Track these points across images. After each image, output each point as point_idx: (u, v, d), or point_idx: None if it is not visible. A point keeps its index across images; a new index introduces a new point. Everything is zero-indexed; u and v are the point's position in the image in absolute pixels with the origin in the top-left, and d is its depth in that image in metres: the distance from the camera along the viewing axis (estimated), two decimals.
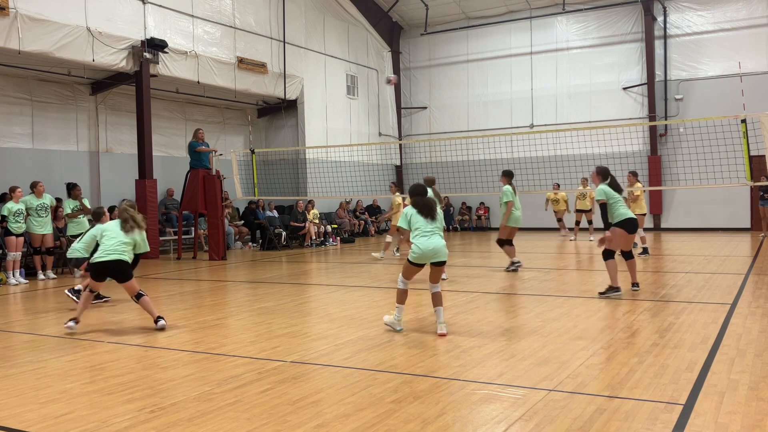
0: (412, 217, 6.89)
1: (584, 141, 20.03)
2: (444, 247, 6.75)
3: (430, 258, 6.73)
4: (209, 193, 15.49)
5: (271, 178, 20.30)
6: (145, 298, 7.34)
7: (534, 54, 24.28)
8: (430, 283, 6.87)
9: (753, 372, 5.05)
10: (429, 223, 6.80)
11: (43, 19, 13.47)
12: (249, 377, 5.22)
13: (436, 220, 6.85)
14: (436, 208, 6.92)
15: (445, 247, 6.76)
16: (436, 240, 6.72)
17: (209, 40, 17.62)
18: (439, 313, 6.75)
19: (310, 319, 7.95)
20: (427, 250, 6.69)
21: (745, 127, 12.17)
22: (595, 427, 3.97)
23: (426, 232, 6.75)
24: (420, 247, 6.71)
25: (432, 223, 6.80)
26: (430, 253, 6.70)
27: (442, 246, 6.74)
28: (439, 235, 6.80)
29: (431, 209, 6.86)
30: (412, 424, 4.08)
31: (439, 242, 6.72)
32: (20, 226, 11.86)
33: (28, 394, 4.92)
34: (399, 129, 26.44)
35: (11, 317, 8.58)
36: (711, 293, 8.89)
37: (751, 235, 19.51)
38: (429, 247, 6.69)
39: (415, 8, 24.84)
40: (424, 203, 6.90)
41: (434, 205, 6.93)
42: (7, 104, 15.06)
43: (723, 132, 15.51)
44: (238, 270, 13.55)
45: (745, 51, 20.86)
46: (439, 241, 6.73)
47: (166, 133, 18.62)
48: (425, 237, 6.73)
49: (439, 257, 6.74)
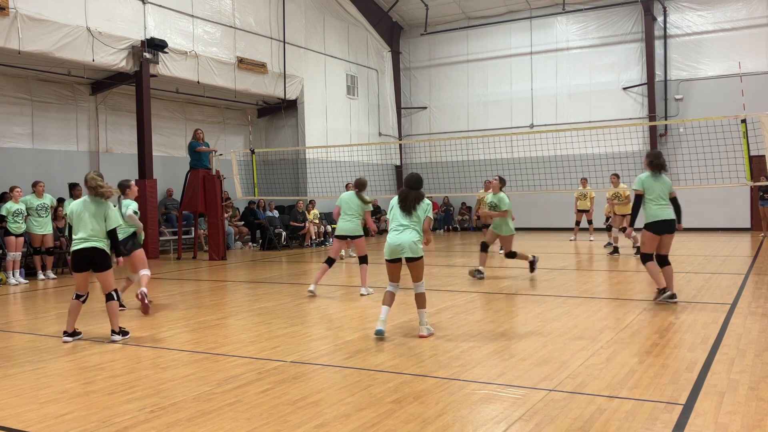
0: (393, 208, 6.79)
1: (584, 141, 20.03)
2: (412, 242, 6.51)
3: (396, 253, 6.58)
4: (209, 193, 15.49)
5: (271, 178, 20.30)
6: (114, 304, 6.83)
7: (534, 54, 24.28)
8: (413, 282, 6.74)
9: (753, 372, 5.05)
10: (405, 217, 6.63)
11: (43, 19, 13.47)
12: (249, 377, 5.22)
13: (414, 216, 6.63)
14: (416, 204, 6.66)
15: (414, 243, 6.52)
16: (404, 235, 6.55)
17: (209, 40, 17.62)
18: (420, 315, 6.66)
19: (310, 319, 7.95)
20: (392, 245, 6.57)
21: (745, 127, 12.17)
22: (595, 427, 3.97)
23: (398, 227, 6.63)
24: (387, 241, 6.63)
25: (408, 218, 6.62)
26: (396, 249, 6.57)
27: (409, 242, 6.51)
28: (413, 231, 6.57)
29: (408, 203, 6.65)
30: (412, 424, 4.08)
31: (406, 238, 6.53)
32: (19, 227, 11.86)
33: (28, 394, 4.92)
34: (399, 129, 26.44)
35: (11, 317, 8.58)
36: (711, 293, 8.88)
37: (751, 235, 19.51)
38: (395, 242, 6.55)
39: (415, 8, 24.84)
40: (404, 195, 6.73)
41: (415, 200, 6.68)
42: (7, 104, 15.06)
43: (723, 132, 15.50)
44: (238, 270, 13.55)
45: (745, 51, 20.85)
46: (406, 237, 6.53)
47: (166, 133, 18.62)
48: (396, 232, 6.62)
49: (405, 253, 6.54)
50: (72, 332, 6.83)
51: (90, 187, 6.82)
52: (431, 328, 6.69)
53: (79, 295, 6.87)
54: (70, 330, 6.83)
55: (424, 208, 6.70)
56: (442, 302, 8.62)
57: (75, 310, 6.84)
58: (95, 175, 6.87)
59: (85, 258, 6.74)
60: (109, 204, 6.89)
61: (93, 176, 6.86)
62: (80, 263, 6.78)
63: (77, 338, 6.83)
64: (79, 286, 6.88)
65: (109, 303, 6.81)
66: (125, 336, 6.78)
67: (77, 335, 6.86)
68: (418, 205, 6.68)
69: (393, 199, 6.87)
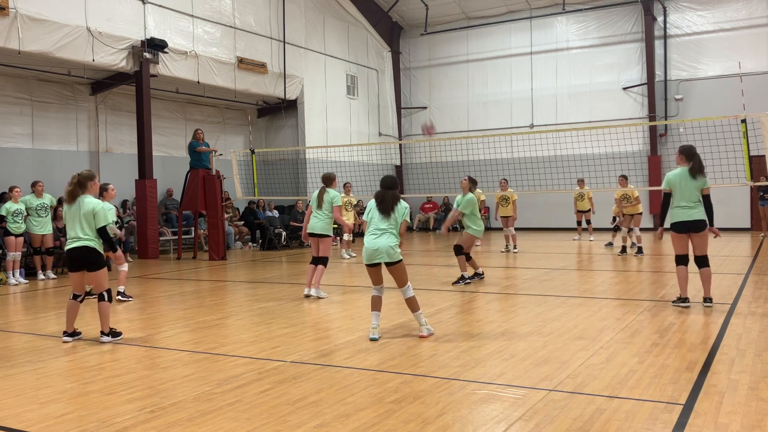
0: (371, 211, 6.73)
1: (584, 141, 20.02)
2: (389, 247, 6.45)
3: (373, 258, 6.52)
4: (209, 193, 15.49)
5: (271, 178, 20.30)
6: (105, 305, 6.74)
7: (534, 54, 24.28)
8: (398, 288, 6.64)
9: (753, 372, 5.05)
10: (383, 220, 6.58)
11: (43, 19, 13.47)
12: (249, 377, 5.22)
13: (391, 218, 6.57)
14: (394, 205, 6.61)
15: (390, 248, 6.46)
16: (381, 240, 6.49)
17: (209, 40, 17.62)
18: (417, 318, 6.63)
19: (310, 319, 7.95)
20: (369, 250, 6.53)
21: (745, 127, 12.18)
22: (595, 427, 3.97)
23: (375, 231, 6.58)
24: (364, 246, 6.60)
25: (386, 220, 6.57)
26: (373, 254, 6.51)
27: (386, 246, 6.46)
28: (390, 235, 6.51)
29: (385, 204, 6.60)
30: (412, 424, 4.08)
31: (383, 242, 6.47)
32: (19, 227, 11.86)
33: (28, 394, 4.92)
34: (399, 129, 26.44)
35: (11, 317, 8.58)
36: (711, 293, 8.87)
37: (751, 235, 19.50)
38: (372, 247, 6.51)
39: (415, 8, 24.84)
40: (381, 197, 6.67)
41: (392, 200, 6.62)
42: (7, 104, 15.07)
43: (723, 132, 15.50)
44: (238, 270, 13.55)
45: (745, 51, 20.85)
46: (383, 242, 6.47)
47: (166, 133, 18.62)
48: (373, 236, 6.57)
49: (383, 258, 6.48)
50: (72, 332, 6.83)
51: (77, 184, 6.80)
52: (431, 328, 6.69)
53: (75, 295, 6.85)
54: (69, 330, 6.83)
55: (401, 211, 6.65)
56: (442, 302, 8.62)
57: (72, 310, 6.83)
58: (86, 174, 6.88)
59: (77, 257, 6.71)
60: (97, 202, 6.78)
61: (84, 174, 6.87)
62: (72, 262, 6.76)
63: (77, 338, 6.83)
64: (74, 285, 6.87)
65: (101, 303, 6.76)
66: (116, 337, 6.74)
67: (77, 335, 6.85)
68: (396, 206, 6.63)
69: (370, 202, 6.80)
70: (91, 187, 6.89)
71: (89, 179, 6.87)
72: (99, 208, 6.71)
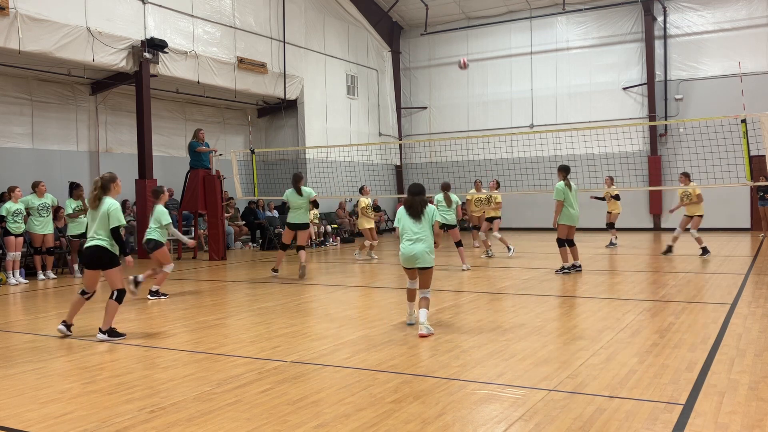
0: (402, 219, 6.94)
1: (584, 141, 20.01)
2: (424, 253, 6.74)
3: (411, 262, 6.81)
4: (209, 193, 15.50)
5: (271, 178, 20.29)
6: (114, 304, 6.79)
7: (534, 54, 24.28)
8: (420, 287, 6.92)
9: (753, 372, 5.05)
10: (415, 224, 6.81)
11: (43, 19, 13.47)
12: (249, 377, 5.22)
13: (423, 222, 6.81)
14: (423, 208, 6.87)
15: (426, 254, 6.75)
16: (417, 246, 6.75)
17: (209, 40, 17.62)
18: (421, 314, 6.73)
19: (309, 319, 7.95)
20: (407, 256, 6.80)
21: (745, 127, 12.18)
22: (595, 427, 3.97)
23: (410, 237, 6.81)
24: (402, 252, 6.84)
25: (418, 224, 6.80)
26: (410, 258, 6.79)
27: (422, 252, 6.74)
28: (424, 241, 6.76)
29: (415, 208, 6.85)
30: (412, 424, 4.08)
31: (418, 249, 6.74)
32: (19, 227, 11.85)
33: (28, 394, 4.92)
34: (399, 129, 26.44)
35: (11, 317, 8.58)
36: (711, 293, 8.89)
37: (751, 235, 19.51)
38: (409, 254, 6.78)
39: (415, 8, 24.84)
40: (410, 203, 6.92)
41: (421, 204, 6.89)
42: (7, 104, 15.06)
43: (723, 132, 15.50)
44: (238, 270, 13.55)
45: (745, 51, 20.85)
46: (418, 248, 6.74)
47: (166, 133, 18.62)
48: (410, 242, 6.81)
49: (420, 263, 6.77)
50: (68, 324, 7.00)
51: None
52: (431, 328, 6.69)
53: (84, 291, 7.04)
54: (68, 321, 7.01)
55: (430, 214, 6.91)
56: (442, 302, 8.62)
57: (77, 304, 7.04)
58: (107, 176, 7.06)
59: (90, 256, 6.88)
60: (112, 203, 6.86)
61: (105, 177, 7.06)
62: (87, 261, 6.96)
63: (68, 334, 6.94)
64: (86, 283, 7.07)
65: (109, 301, 6.84)
66: (115, 337, 6.77)
67: (69, 329, 6.99)
68: (425, 209, 6.88)
69: (399, 211, 7.03)
70: (114, 188, 7.03)
71: (111, 181, 7.03)
72: (113, 209, 6.83)
